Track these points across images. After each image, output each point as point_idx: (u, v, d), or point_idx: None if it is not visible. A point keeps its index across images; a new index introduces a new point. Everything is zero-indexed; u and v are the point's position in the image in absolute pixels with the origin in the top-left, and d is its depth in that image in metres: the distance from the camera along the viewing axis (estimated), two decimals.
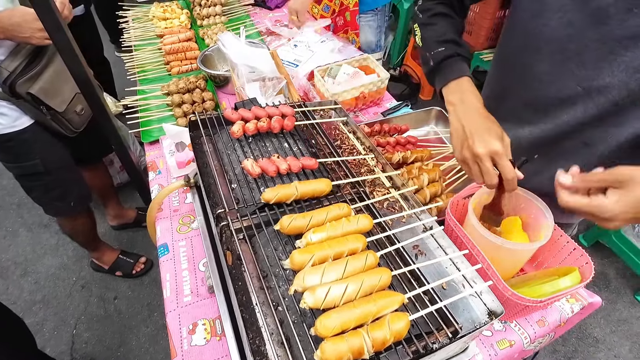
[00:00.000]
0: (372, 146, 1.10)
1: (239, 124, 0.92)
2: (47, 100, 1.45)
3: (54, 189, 1.69)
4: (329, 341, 0.59)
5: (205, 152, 1.00)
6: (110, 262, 2.25)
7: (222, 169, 0.94)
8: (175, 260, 1.08)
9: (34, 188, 1.67)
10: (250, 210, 0.84)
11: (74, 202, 1.79)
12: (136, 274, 2.26)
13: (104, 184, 2.24)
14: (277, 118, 0.98)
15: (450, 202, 0.97)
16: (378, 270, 0.70)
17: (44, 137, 1.56)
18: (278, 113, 1.02)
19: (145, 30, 2.02)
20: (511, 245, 0.84)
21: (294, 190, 0.81)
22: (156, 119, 1.52)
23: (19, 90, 1.38)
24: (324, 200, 0.87)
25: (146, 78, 1.76)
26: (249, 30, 2.03)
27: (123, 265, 2.26)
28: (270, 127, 0.97)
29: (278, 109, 1.04)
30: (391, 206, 0.94)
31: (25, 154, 1.53)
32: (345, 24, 2.10)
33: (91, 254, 2.24)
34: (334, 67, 1.57)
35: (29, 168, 1.56)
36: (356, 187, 0.93)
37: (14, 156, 1.54)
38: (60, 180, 1.68)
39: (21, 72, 1.38)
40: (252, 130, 0.94)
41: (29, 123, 1.50)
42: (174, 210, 1.22)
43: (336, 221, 0.76)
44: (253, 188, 0.89)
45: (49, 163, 1.59)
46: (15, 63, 1.37)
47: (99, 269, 2.29)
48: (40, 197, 1.72)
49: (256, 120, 0.96)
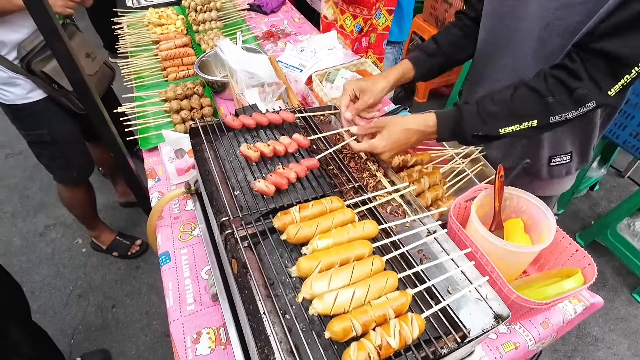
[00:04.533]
0: None
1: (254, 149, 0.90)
2: (58, 79, 1.60)
3: (59, 158, 1.86)
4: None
5: (207, 159, 0.99)
6: (108, 243, 2.36)
7: (224, 175, 0.94)
8: (178, 268, 1.07)
9: (42, 155, 1.85)
10: (254, 218, 0.83)
11: (76, 172, 1.95)
12: (131, 255, 2.38)
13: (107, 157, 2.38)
14: (292, 143, 0.96)
15: (453, 205, 0.97)
16: (384, 273, 0.70)
17: (54, 111, 1.72)
18: (279, 119, 1.02)
19: (140, 37, 2.01)
20: (515, 247, 0.84)
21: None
22: (154, 125, 1.51)
23: (34, 68, 1.55)
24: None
25: (143, 84, 1.75)
26: (245, 35, 2.03)
27: (120, 246, 2.37)
28: (287, 151, 0.95)
29: (279, 115, 1.04)
30: (394, 211, 0.94)
31: (35, 123, 1.71)
32: (369, 45, 2.01)
33: (90, 232, 2.35)
34: (332, 72, 1.58)
35: (37, 137, 1.74)
36: (359, 192, 0.93)
37: (25, 125, 1.72)
38: (65, 151, 1.85)
39: (38, 52, 1.55)
40: (269, 154, 0.93)
41: (41, 97, 1.66)
42: (174, 217, 1.21)
43: (342, 227, 0.76)
44: (256, 195, 0.88)
45: (55, 134, 1.76)
46: (34, 43, 1.54)
47: (97, 247, 2.39)
48: (47, 163, 1.89)
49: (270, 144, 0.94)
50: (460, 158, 1.29)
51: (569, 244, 0.90)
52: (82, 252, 2.44)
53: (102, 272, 2.33)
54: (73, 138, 1.86)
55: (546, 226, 0.90)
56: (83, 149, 1.97)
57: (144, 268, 2.34)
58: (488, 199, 0.99)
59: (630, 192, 2.89)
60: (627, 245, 2.17)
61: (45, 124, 1.71)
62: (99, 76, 1.83)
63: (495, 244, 0.85)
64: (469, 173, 1.24)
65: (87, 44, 1.76)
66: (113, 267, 2.35)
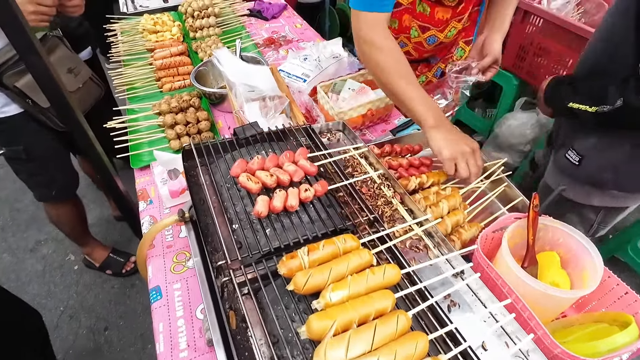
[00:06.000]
0: (387, 173, 0.99)
1: (263, 202, 0.77)
2: (31, 95, 1.47)
3: (37, 175, 1.73)
4: None
5: (201, 186, 0.88)
6: (101, 260, 2.24)
7: (221, 206, 0.83)
8: (170, 306, 0.96)
9: (19, 171, 1.73)
10: (255, 259, 0.72)
11: (56, 191, 1.82)
12: (126, 273, 2.26)
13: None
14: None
15: (480, 239, 0.86)
16: (412, 335, 0.59)
17: (32, 127, 1.60)
18: (292, 171, 0.85)
19: (133, 44, 1.90)
20: (556, 292, 0.73)
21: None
22: (147, 141, 1.40)
23: (6, 82, 1.42)
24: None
25: (136, 96, 1.64)
26: (245, 43, 1.92)
27: (113, 263, 2.26)
28: (302, 200, 0.81)
29: (292, 158, 0.89)
30: (415, 245, 0.83)
31: (11, 139, 1.59)
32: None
33: (82, 249, 2.23)
34: (338, 82, 1.47)
35: (14, 152, 1.62)
36: (375, 225, 0.81)
37: (0, 140, 1.60)
38: (45, 168, 1.73)
39: (12, 65, 1.41)
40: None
41: (18, 112, 1.55)
42: (167, 246, 1.10)
43: (358, 274, 0.65)
44: (257, 230, 0.77)
45: (33, 151, 1.64)
46: (8, 55, 1.39)
47: (90, 265, 2.28)
48: (26, 180, 1.77)
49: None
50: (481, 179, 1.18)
51: (616, 285, 0.79)
52: (74, 269, 2.32)
53: (94, 291, 2.21)
54: (54, 154, 1.73)
55: (590, 265, 0.79)
56: (65, 165, 1.83)
57: (139, 286, 2.23)
58: (519, 230, 0.88)
59: None
60: None
61: (21, 140, 1.59)
62: (82, 93, 1.70)
63: (532, 286, 0.74)
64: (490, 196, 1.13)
65: (71, 58, 1.63)
66: (106, 285, 2.23)
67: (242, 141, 0.97)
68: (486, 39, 1.20)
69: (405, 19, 1.26)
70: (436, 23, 1.21)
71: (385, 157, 1.25)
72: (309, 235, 0.75)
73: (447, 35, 1.27)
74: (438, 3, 1.15)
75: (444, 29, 1.24)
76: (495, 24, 1.21)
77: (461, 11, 1.19)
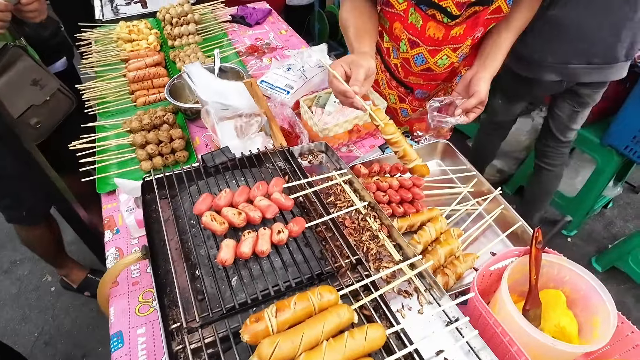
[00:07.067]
0: (373, 202, 0.89)
1: (228, 248, 0.66)
2: None
3: (4, 197, 1.63)
4: None
5: (162, 224, 0.78)
6: (79, 281, 2.12)
7: (182, 249, 0.73)
8: (132, 355, 0.85)
9: None
10: (217, 317, 0.62)
11: (26, 212, 1.69)
12: None
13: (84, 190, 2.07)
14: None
15: (476, 278, 0.76)
16: None
17: None
18: (265, 207, 0.74)
19: (105, 54, 1.79)
20: (568, 347, 0.64)
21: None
22: (116, 162, 1.29)
23: None
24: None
25: (107, 111, 1.53)
26: (226, 51, 1.82)
27: (92, 284, 2.12)
28: (275, 243, 0.71)
29: (266, 190, 0.79)
30: (404, 290, 0.74)
31: None
32: None
33: (58, 271, 2.11)
34: (323, 95, 1.37)
35: None
36: (358, 269, 0.72)
37: None
38: (10, 188, 1.61)
39: None
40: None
41: None
42: (132, 283, 0.99)
43: (335, 339, 0.55)
44: (222, 278, 0.67)
45: None
46: None
47: (68, 286, 2.16)
48: None
49: (254, 235, 0.70)
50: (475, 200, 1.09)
51: (630, 332, 0.70)
52: (50, 291, 2.20)
53: (72, 315, 2.09)
54: (21, 173, 1.58)
55: (602, 310, 0.70)
56: (34, 185, 1.67)
57: None
58: (520, 266, 0.79)
59: None
60: None
61: None
62: (50, 106, 1.58)
63: (538, 339, 0.65)
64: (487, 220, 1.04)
65: (36, 69, 1.51)
66: (85, 308, 2.11)
67: (210, 170, 0.86)
68: (474, 76, 1.08)
69: (396, 27, 1.17)
70: (426, 40, 1.10)
71: (373, 177, 1.16)
72: (280, 285, 0.65)
73: (437, 62, 1.16)
74: (432, 17, 1.05)
75: (435, 53, 1.14)
76: (487, 62, 1.10)
77: (458, 38, 1.08)
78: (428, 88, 1.34)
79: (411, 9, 1.07)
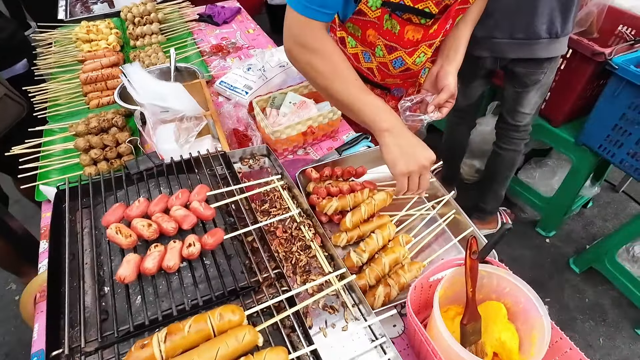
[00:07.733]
0: (309, 210, 0.84)
1: (128, 264, 0.61)
2: None
3: None
4: None
5: (77, 235, 0.72)
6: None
7: (93, 263, 0.67)
8: None
9: None
10: (108, 342, 0.57)
11: None
12: None
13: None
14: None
15: (410, 291, 0.71)
16: None
17: None
18: (181, 217, 0.69)
19: (65, 55, 1.73)
20: None
21: None
22: (59, 168, 1.23)
23: None
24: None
25: (58, 114, 1.47)
26: (188, 51, 1.76)
27: None
28: (186, 257, 0.66)
29: (187, 198, 0.74)
30: (329, 306, 0.69)
31: None
32: None
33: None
34: (278, 96, 1.32)
35: None
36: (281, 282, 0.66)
37: None
38: None
39: None
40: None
41: None
42: None
43: None
44: (123, 296, 0.62)
45: None
46: None
47: None
48: None
49: (161, 248, 0.65)
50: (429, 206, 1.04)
51: (569, 349, 0.65)
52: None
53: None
54: None
55: (539, 325, 0.65)
56: None
57: None
58: (458, 278, 0.74)
59: (626, 208, 2.69)
60: (627, 274, 1.94)
61: None
62: None
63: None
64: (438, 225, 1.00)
65: None
66: None
67: (133, 177, 0.81)
68: (440, 71, 1.08)
69: (370, 34, 1.10)
70: (405, 44, 1.06)
71: (325, 181, 1.11)
72: (186, 304, 0.60)
73: (415, 61, 1.12)
74: (409, 21, 1.00)
75: (413, 52, 1.09)
76: (450, 55, 1.10)
77: (433, 34, 1.04)
78: (405, 86, 1.31)
79: (386, 15, 1.01)
